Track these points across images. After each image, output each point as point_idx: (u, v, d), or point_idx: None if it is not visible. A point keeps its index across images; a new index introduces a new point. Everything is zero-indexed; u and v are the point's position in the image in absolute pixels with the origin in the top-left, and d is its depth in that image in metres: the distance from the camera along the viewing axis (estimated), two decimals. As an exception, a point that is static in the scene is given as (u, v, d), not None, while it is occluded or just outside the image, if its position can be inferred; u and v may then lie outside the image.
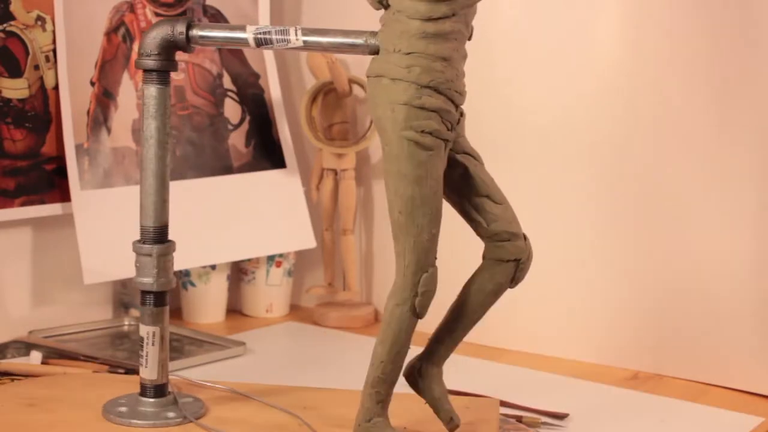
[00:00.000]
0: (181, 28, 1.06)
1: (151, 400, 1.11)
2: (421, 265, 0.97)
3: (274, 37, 1.04)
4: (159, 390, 1.12)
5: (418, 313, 0.98)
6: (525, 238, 1.04)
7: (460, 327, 1.05)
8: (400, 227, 0.97)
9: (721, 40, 1.45)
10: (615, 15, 1.53)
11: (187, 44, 1.07)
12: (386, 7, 0.98)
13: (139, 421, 1.09)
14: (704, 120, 1.47)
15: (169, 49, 1.07)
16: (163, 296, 1.12)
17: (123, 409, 1.12)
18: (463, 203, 1.03)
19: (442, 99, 0.96)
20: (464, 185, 1.02)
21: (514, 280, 1.04)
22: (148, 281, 1.10)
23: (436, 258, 0.99)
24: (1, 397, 1.18)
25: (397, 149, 0.96)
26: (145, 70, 1.08)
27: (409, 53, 0.96)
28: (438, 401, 1.05)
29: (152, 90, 1.08)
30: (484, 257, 1.04)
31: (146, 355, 1.11)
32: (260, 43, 1.05)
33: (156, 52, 1.07)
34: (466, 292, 1.04)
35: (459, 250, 1.15)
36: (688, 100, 1.48)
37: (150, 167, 1.11)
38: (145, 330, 1.11)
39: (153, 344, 1.11)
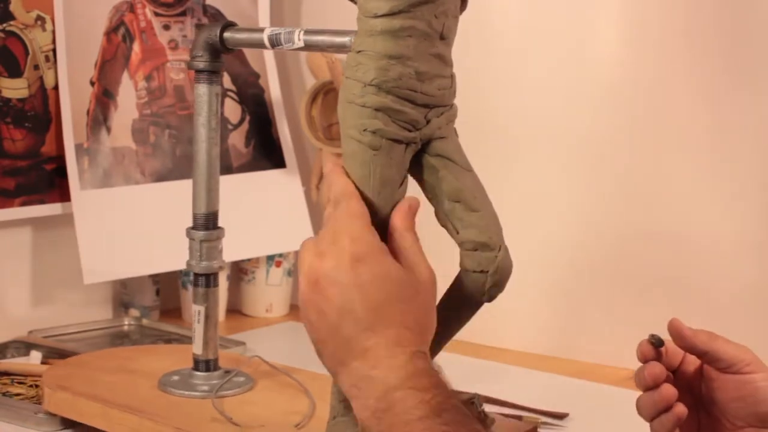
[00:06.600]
0: (216, 31, 1.15)
1: (201, 373, 1.20)
2: None
3: (282, 37, 1.10)
4: (207, 364, 1.20)
5: None
6: (500, 249, 0.97)
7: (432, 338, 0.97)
8: None
9: (720, 33, 1.45)
10: (614, 12, 1.53)
11: (221, 46, 1.16)
12: (356, 4, 0.97)
13: (173, 389, 1.18)
14: (704, 116, 1.48)
15: (212, 51, 1.16)
16: (208, 278, 1.20)
17: (176, 378, 1.20)
18: (437, 208, 0.99)
19: (390, 98, 0.92)
20: (437, 190, 0.98)
21: (486, 294, 0.97)
22: (194, 263, 1.20)
23: None
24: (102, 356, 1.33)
25: (344, 147, 0.94)
26: (195, 71, 1.17)
27: (359, 51, 0.93)
28: None
29: (200, 89, 1.18)
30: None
31: (194, 332, 1.20)
32: (273, 43, 1.10)
33: (200, 54, 1.17)
34: (440, 301, 0.98)
35: (450, 258, 1.11)
36: (688, 98, 1.49)
37: (199, 160, 1.20)
38: (194, 308, 1.20)
39: (199, 322, 1.20)
